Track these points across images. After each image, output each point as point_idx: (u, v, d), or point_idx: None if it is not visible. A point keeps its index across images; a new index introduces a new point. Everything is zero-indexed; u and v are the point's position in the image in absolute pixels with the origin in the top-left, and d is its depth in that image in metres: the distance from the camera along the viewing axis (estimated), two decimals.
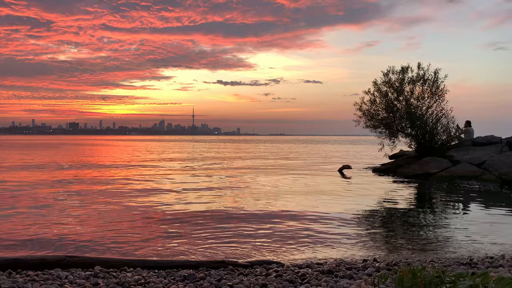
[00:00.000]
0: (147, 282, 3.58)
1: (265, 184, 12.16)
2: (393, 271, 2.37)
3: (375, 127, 16.72)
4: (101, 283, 3.54)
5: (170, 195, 9.75)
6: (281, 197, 9.68)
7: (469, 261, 4.58)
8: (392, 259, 4.75)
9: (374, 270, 4.08)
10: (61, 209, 7.78)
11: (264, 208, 8.19)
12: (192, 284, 3.59)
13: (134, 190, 10.54)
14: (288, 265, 4.36)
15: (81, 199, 8.99)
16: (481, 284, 2.04)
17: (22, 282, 3.48)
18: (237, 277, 3.87)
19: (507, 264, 4.44)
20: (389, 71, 16.40)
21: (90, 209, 7.89)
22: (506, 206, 8.84)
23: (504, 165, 12.87)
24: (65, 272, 3.85)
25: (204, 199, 9.19)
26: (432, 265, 4.37)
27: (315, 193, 10.45)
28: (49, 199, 9.00)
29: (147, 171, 16.36)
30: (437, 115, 15.75)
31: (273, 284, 3.57)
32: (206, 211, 7.80)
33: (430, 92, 15.97)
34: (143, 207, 8.12)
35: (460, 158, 14.26)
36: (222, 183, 12.22)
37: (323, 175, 15.15)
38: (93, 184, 11.83)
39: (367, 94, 16.71)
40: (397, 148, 17.18)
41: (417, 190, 11.84)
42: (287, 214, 7.62)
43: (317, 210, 8.03)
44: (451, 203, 9.54)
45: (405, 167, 15.25)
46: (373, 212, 8.07)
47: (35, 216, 7.10)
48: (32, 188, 10.79)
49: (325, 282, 3.60)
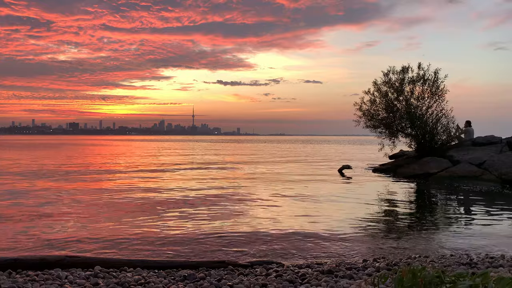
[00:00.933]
0: (147, 282, 3.57)
1: (264, 182, 12.16)
2: (393, 271, 2.37)
3: (375, 127, 16.72)
4: (101, 283, 3.53)
5: (171, 195, 9.75)
6: (279, 197, 9.67)
7: (469, 261, 4.57)
8: (392, 259, 4.74)
9: (374, 270, 4.08)
10: (62, 209, 7.78)
11: (263, 208, 8.19)
12: (192, 284, 3.59)
13: (134, 190, 10.54)
14: (288, 265, 4.36)
15: (81, 199, 8.98)
16: (481, 284, 2.04)
17: (22, 282, 3.48)
18: (237, 277, 3.87)
19: (507, 264, 4.44)
20: (389, 71, 16.42)
21: (90, 209, 7.89)
22: (506, 206, 8.84)
23: (504, 165, 12.87)
24: (65, 272, 3.85)
25: (205, 199, 9.19)
26: (432, 265, 4.37)
27: (315, 193, 10.44)
28: (49, 199, 9.00)
29: (150, 175, 16.35)
30: (437, 115, 15.76)
31: (273, 284, 3.57)
32: (207, 211, 7.80)
33: (430, 92, 15.98)
34: (143, 207, 8.12)
35: (460, 158, 14.25)
36: (227, 186, 12.22)
37: (323, 175, 15.14)
38: (94, 184, 11.83)
39: (367, 94, 16.73)
40: (397, 148, 17.18)
41: (417, 190, 11.83)
42: (286, 214, 7.62)
43: (317, 210, 8.03)
44: (451, 203, 9.54)
45: (405, 167, 15.25)
46: (373, 212, 8.06)
47: (35, 216, 7.10)
48: (33, 188, 10.79)
49: (325, 282, 3.60)
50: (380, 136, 16.70)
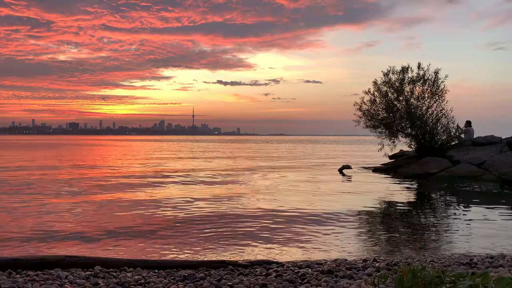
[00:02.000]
0: (147, 282, 3.57)
1: (264, 182, 12.17)
2: (393, 271, 2.36)
3: (375, 127, 16.72)
4: (101, 283, 3.53)
5: (171, 195, 9.74)
6: (280, 196, 9.67)
7: (469, 261, 4.57)
8: (392, 259, 4.74)
9: (374, 270, 4.08)
10: (62, 209, 7.78)
11: (263, 208, 8.19)
12: (192, 284, 3.59)
13: (135, 191, 10.54)
14: (288, 265, 4.36)
15: (81, 199, 8.99)
16: (481, 284, 2.04)
17: (22, 282, 3.48)
18: (237, 277, 3.87)
19: (507, 264, 4.44)
20: (389, 71, 16.42)
21: (90, 209, 7.89)
22: (506, 206, 8.84)
23: (504, 165, 12.87)
24: (65, 272, 3.85)
25: (205, 199, 9.19)
26: (432, 265, 4.36)
27: (315, 193, 10.45)
28: (49, 198, 9.00)
29: (154, 180, 16.34)
30: (437, 115, 15.77)
31: (273, 284, 3.57)
32: (207, 211, 7.80)
33: (430, 92, 15.98)
34: (143, 207, 8.12)
35: (460, 158, 14.26)
36: (227, 184, 12.22)
37: (323, 175, 15.15)
38: (94, 184, 11.83)
39: (367, 94, 16.72)
40: (397, 148, 17.17)
41: (417, 190, 11.83)
42: (287, 214, 7.62)
43: (317, 209, 8.03)
44: (451, 203, 9.54)
45: (405, 167, 15.25)
46: (373, 212, 8.07)
47: (35, 216, 7.10)
48: (32, 188, 10.78)
49: (325, 282, 3.59)
50: (380, 136, 16.70)
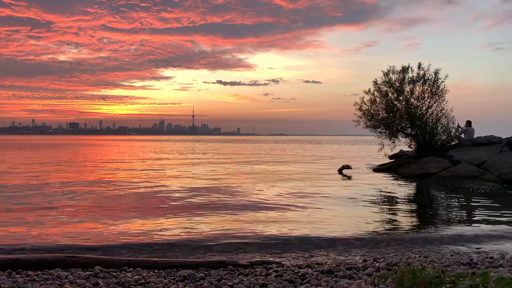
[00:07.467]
0: (147, 282, 3.57)
1: (265, 183, 12.17)
2: (393, 271, 2.37)
3: (375, 127, 16.72)
4: (101, 283, 3.53)
5: (171, 195, 9.74)
6: (280, 196, 9.67)
7: (469, 261, 4.57)
8: (392, 259, 4.74)
9: (374, 270, 4.08)
10: (62, 209, 7.78)
11: (263, 208, 8.19)
12: (192, 284, 3.59)
13: (134, 191, 10.54)
14: (288, 265, 4.36)
15: (81, 199, 8.98)
16: (481, 284, 2.04)
17: (22, 282, 3.48)
18: (237, 277, 3.87)
19: (507, 264, 4.44)
20: (389, 71, 16.42)
21: (90, 209, 7.89)
22: (506, 206, 8.84)
23: (504, 165, 12.86)
24: (65, 272, 3.85)
25: (205, 199, 9.19)
26: (432, 265, 4.36)
27: (315, 192, 10.44)
28: (50, 198, 9.00)
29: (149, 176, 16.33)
30: (437, 115, 15.77)
31: (273, 284, 3.57)
32: (207, 211, 7.79)
33: (430, 92, 15.99)
34: (143, 207, 8.12)
35: (460, 158, 14.25)
36: (227, 183, 12.22)
37: (323, 175, 15.14)
38: (94, 184, 11.82)
39: (367, 94, 16.73)
40: (397, 148, 17.18)
41: (417, 190, 11.83)
42: (287, 213, 7.62)
43: (317, 209, 8.02)
44: (451, 203, 9.54)
45: (405, 167, 15.25)
46: (373, 212, 8.06)
47: (35, 216, 7.10)
48: (33, 187, 10.78)
49: (325, 282, 3.59)
50: (380, 136, 16.71)
